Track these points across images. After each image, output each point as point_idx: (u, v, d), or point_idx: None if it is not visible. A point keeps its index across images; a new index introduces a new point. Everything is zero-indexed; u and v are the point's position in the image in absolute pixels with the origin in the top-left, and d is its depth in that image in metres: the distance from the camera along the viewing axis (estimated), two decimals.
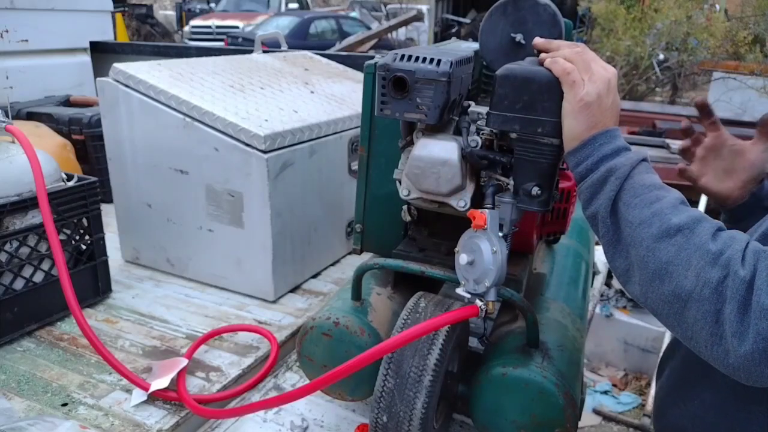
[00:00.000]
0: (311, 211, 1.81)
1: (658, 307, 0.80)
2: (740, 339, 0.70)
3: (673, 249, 0.76)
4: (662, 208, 0.80)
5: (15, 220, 1.45)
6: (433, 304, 1.06)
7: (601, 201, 0.85)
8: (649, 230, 0.79)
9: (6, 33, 2.77)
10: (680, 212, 0.79)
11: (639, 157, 0.86)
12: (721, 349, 0.72)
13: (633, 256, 0.81)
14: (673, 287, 0.76)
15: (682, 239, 0.76)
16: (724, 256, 0.73)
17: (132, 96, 1.72)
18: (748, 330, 0.69)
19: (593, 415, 3.49)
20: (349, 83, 2.23)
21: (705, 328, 0.73)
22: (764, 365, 0.70)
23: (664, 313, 0.79)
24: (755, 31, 9.01)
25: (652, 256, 0.78)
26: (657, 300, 0.79)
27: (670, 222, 0.78)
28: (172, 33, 15.66)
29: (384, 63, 0.97)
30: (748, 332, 0.69)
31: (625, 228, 0.82)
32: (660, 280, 0.77)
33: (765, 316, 0.68)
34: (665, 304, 0.78)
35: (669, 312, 0.78)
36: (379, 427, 1.00)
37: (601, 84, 0.87)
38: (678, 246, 0.76)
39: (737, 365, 0.72)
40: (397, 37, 12.09)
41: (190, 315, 1.66)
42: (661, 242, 0.78)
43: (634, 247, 0.81)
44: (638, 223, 0.80)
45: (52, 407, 1.25)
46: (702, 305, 0.73)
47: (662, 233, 0.78)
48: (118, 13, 7.62)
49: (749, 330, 0.69)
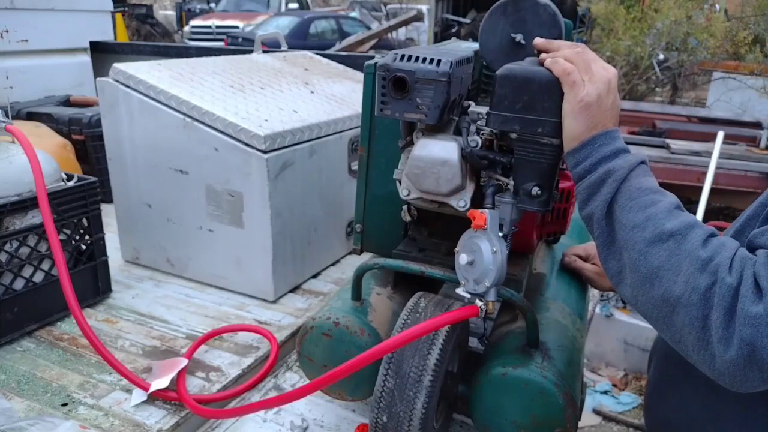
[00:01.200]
0: (311, 211, 1.81)
1: (648, 310, 0.81)
2: (726, 345, 0.71)
3: (665, 254, 0.78)
4: (656, 212, 0.80)
5: (15, 220, 1.45)
6: (433, 304, 1.06)
7: (597, 202, 0.85)
8: (642, 234, 0.80)
9: (6, 33, 2.77)
10: (674, 218, 0.80)
11: (637, 160, 0.86)
12: (708, 354, 0.74)
13: (625, 259, 0.82)
14: (662, 291, 0.77)
15: (674, 245, 0.77)
16: (713, 263, 0.74)
17: (132, 96, 1.72)
18: (733, 336, 0.70)
19: (593, 415, 3.50)
20: (349, 83, 2.23)
21: (692, 333, 0.75)
22: (748, 371, 0.71)
23: (654, 317, 0.81)
24: (755, 31, 9.01)
25: (643, 260, 0.79)
26: (647, 303, 0.80)
27: (663, 227, 0.79)
28: (172, 33, 15.67)
29: (384, 63, 0.97)
30: (733, 338, 0.70)
31: (619, 230, 0.83)
32: (650, 284, 0.79)
33: (749, 323, 0.69)
34: (655, 308, 0.79)
35: (658, 315, 0.79)
36: (379, 427, 1.00)
37: (601, 84, 0.87)
38: (669, 251, 0.77)
39: (722, 370, 0.73)
40: (397, 37, 12.09)
41: (190, 315, 1.66)
42: (654, 247, 0.79)
43: (627, 250, 0.82)
44: (632, 227, 0.81)
45: (52, 407, 1.25)
46: (690, 310, 0.74)
47: (655, 238, 0.79)
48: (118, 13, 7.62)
49: (734, 336, 0.70)
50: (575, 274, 1.45)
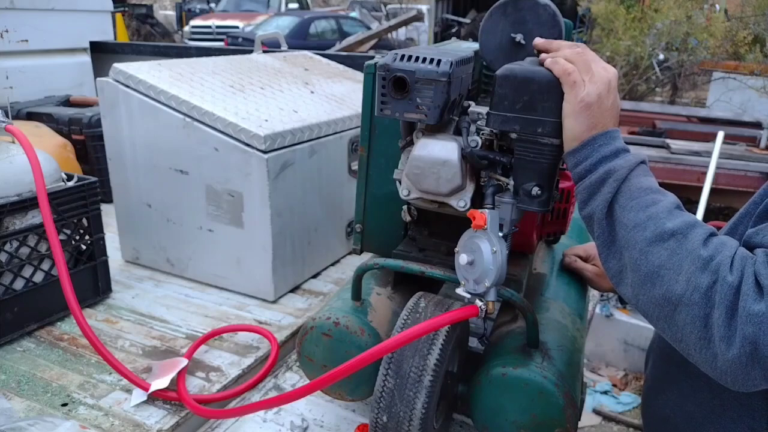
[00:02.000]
0: (311, 211, 1.81)
1: (649, 309, 0.81)
2: (727, 344, 0.71)
3: (666, 253, 0.78)
4: (657, 212, 0.81)
5: (15, 220, 1.45)
6: (433, 304, 1.06)
7: (597, 202, 0.85)
8: (643, 234, 0.80)
9: (6, 33, 2.77)
10: (675, 217, 0.80)
11: (638, 160, 0.87)
12: (710, 353, 0.74)
13: (626, 259, 0.82)
14: (663, 291, 0.77)
15: (675, 244, 0.78)
16: (714, 262, 0.74)
17: (132, 96, 1.72)
18: (735, 335, 0.71)
19: (593, 415, 3.50)
20: (349, 83, 2.23)
21: (694, 332, 0.75)
22: (750, 369, 0.71)
23: (655, 316, 0.81)
24: (755, 31, 9.02)
25: (644, 260, 0.79)
26: (648, 303, 0.80)
27: (664, 226, 0.79)
28: (172, 33, 15.67)
29: (384, 63, 0.97)
30: (735, 337, 0.71)
31: (619, 230, 0.83)
32: (651, 284, 0.79)
33: (750, 321, 0.70)
34: (656, 307, 0.79)
35: (659, 315, 0.79)
36: (379, 427, 1.00)
37: (601, 84, 0.87)
38: (670, 250, 0.78)
39: (724, 369, 0.73)
40: (397, 37, 12.10)
41: (190, 315, 1.66)
42: (655, 246, 0.79)
43: (628, 249, 0.82)
44: (633, 226, 0.81)
45: (52, 407, 1.25)
46: (692, 310, 0.74)
47: (656, 237, 0.79)
48: (118, 13, 7.63)
49: (736, 335, 0.71)
50: (575, 274, 1.45)
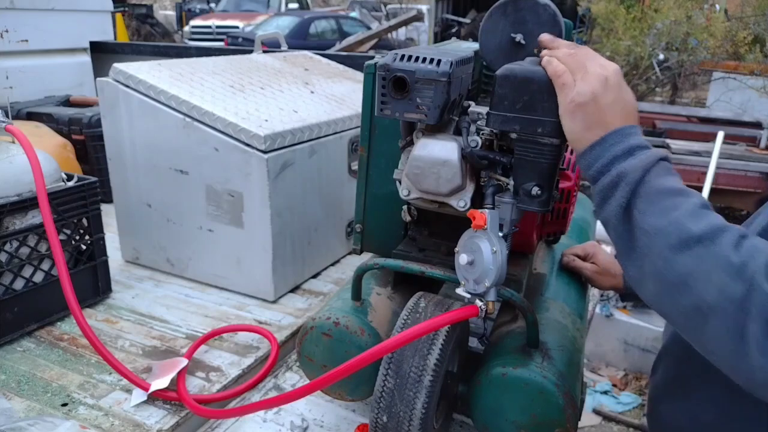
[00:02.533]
0: (311, 211, 1.81)
1: (676, 318, 0.76)
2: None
3: (693, 261, 0.72)
4: (680, 216, 0.75)
5: (15, 220, 1.45)
6: (433, 304, 1.06)
7: (611, 207, 0.80)
8: (666, 240, 0.74)
9: (6, 33, 2.77)
10: (700, 219, 0.74)
11: (655, 158, 0.80)
12: (746, 365, 0.69)
13: (647, 266, 0.77)
14: (692, 300, 0.72)
15: (702, 250, 0.72)
16: (748, 269, 0.69)
17: (132, 96, 1.72)
18: None
19: (593, 415, 3.50)
20: (349, 83, 2.23)
21: (728, 345, 0.70)
22: None
23: (682, 325, 0.76)
24: (755, 31, 9.02)
25: (670, 268, 0.74)
26: (674, 312, 0.76)
27: (689, 232, 0.73)
28: (172, 33, 15.67)
29: (384, 63, 0.97)
30: None
31: (640, 237, 0.78)
32: (678, 293, 0.73)
33: None
34: (683, 317, 0.75)
35: (688, 325, 0.75)
36: (379, 427, 1.00)
37: (595, 82, 0.84)
38: (698, 257, 0.72)
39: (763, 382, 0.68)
40: (397, 37, 12.10)
41: (190, 315, 1.66)
42: (680, 253, 0.73)
43: (650, 257, 0.76)
44: (654, 233, 0.76)
45: (52, 407, 1.25)
46: (725, 321, 0.69)
47: (681, 244, 0.73)
48: (118, 13, 7.63)
49: None
50: (575, 274, 1.45)
